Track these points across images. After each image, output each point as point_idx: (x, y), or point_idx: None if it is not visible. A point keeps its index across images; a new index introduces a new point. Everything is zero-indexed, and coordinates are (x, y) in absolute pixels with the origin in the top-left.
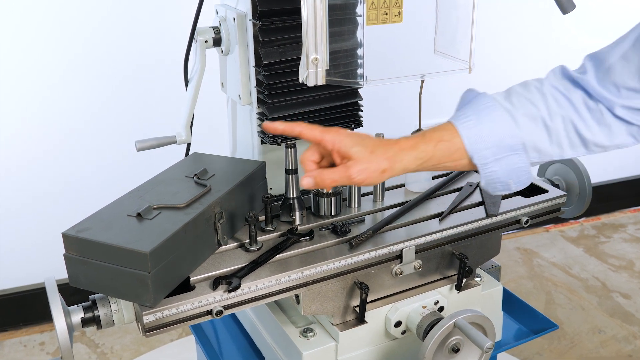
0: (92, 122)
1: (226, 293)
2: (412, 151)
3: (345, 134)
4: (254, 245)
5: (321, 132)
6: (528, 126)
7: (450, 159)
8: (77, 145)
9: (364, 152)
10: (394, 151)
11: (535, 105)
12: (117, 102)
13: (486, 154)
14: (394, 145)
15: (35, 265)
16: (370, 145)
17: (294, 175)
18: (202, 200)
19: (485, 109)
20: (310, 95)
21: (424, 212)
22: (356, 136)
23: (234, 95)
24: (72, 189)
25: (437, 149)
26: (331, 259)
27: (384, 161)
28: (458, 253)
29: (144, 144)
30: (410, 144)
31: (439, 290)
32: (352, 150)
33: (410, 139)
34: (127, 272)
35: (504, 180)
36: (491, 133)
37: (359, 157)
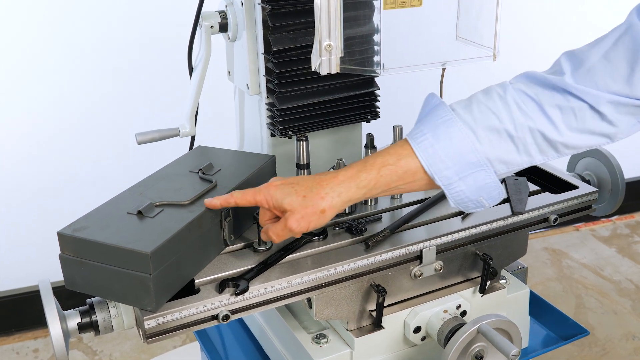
0: (89, 114)
1: (233, 296)
2: (351, 182)
3: (275, 187)
4: (263, 245)
5: (253, 195)
6: (491, 140)
7: (401, 182)
8: (72, 138)
9: (296, 200)
10: (330, 186)
11: (497, 116)
12: (117, 93)
13: (448, 174)
14: (331, 181)
15: (29, 266)
16: (302, 190)
17: (306, 170)
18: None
19: (443, 123)
20: (323, 85)
21: (445, 210)
22: (287, 185)
23: (241, 85)
24: (69, 185)
25: (381, 176)
26: (346, 260)
27: (320, 201)
28: (482, 254)
29: (145, 137)
30: (350, 175)
31: (461, 293)
32: (284, 203)
33: (351, 168)
34: (127, 274)
35: (474, 198)
36: (450, 151)
37: (292, 208)
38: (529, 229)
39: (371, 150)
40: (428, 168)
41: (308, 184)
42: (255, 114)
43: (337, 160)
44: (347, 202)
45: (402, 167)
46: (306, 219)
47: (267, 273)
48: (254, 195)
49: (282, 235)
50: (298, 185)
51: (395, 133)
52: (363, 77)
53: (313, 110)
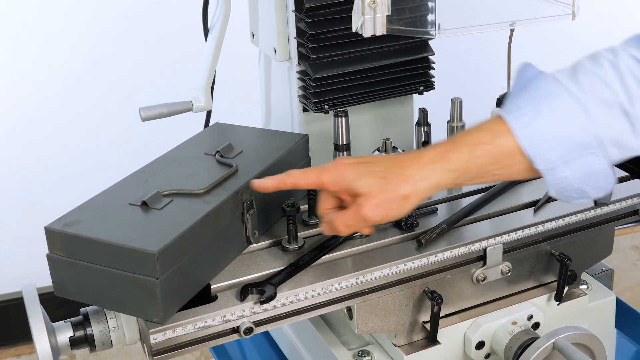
0: (83, 84)
1: (257, 305)
2: (439, 163)
3: (346, 165)
4: (294, 244)
5: (317, 175)
6: (602, 116)
7: (497, 166)
8: (65, 114)
9: (374, 181)
10: (415, 169)
11: (610, 87)
12: (115, 58)
13: (550, 157)
14: (414, 161)
15: (10, 269)
16: (381, 171)
17: (346, 153)
18: (227, 184)
19: (545, 96)
20: (366, 49)
21: (513, 200)
22: (361, 165)
23: (267, 49)
24: (58, 170)
25: (474, 156)
26: (394, 260)
27: (402, 185)
28: (558, 253)
29: (150, 112)
30: (436, 155)
31: (533, 301)
32: (358, 185)
33: (436, 147)
34: (129, 278)
35: (578, 186)
36: (554, 129)
37: (368, 191)
38: (615, 224)
39: (425, 128)
40: (527, 149)
41: (387, 163)
42: (284, 84)
43: (384, 141)
44: (435, 187)
45: (499, 147)
46: (384, 206)
47: (298, 277)
48: (319, 175)
49: (353, 225)
50: (374, 165)
51: (454, 107)
52: (414, 40)
53: (354, 79)
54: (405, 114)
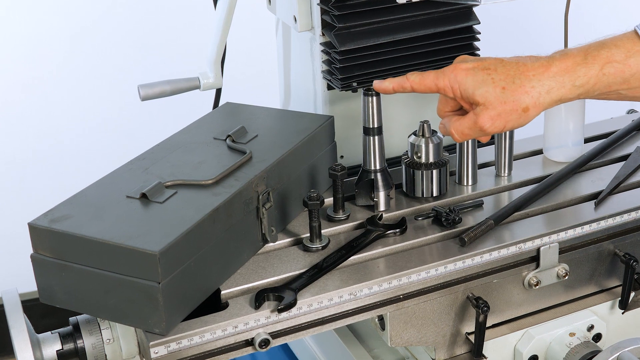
0: (72, 58)
1: (275, 314)
2: (566, 76)
3: (465, 71)
4: (317, 242)
5: (434, 80)
6: None
7: (625, 87)
8: (51, 89)
9: (494, 91)
10: (538, 79)
11: None
12: (111, 27)
13: None
14: (539, 71)
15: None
16: (502, 80)
17: (378, 137)
18: (239, 174)
19: None
20: (400, 17)
21: (571, 193)
22: (482, 71)
23: (286, 17)
24: (44, 157)
25: (603, 74)
26: (432, 262)
27: (524, 96)
28: (623, 254)
29: (151, 91)
30: (565, 67)
31: (594, 309)
32: (476, 94)
33: (566, 58)
34: (126, 283)
35: None
36: None
37: (487, 101)
38: None
39: None
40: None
41: (509, 71)
42: (306, 57)
43: (421, 123)
44: (557, 101)
45: (631, 68)
46: (503, 118)
47: (322, 281)
48: (436, 79)
49: (469, 134)
50: (496, 73)
51: None
52: (457, 7)
53: (386, 52)
54: None
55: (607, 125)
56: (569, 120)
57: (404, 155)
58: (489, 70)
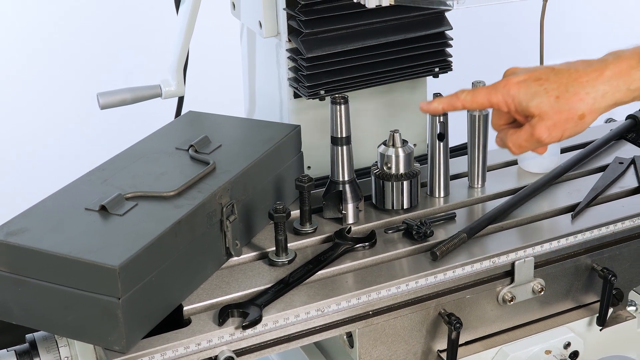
0: (31, 64)
1: (239, 330)
2: (621, 79)
3: (517, 84)
4: (283, 256)
5: (487, 96)
6: None
7: None
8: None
9: (548, 102)
10: (592, 85)
11: None
12: (70, 34)
13: None
14: (593, 76)
15: None
16: (555, 89)
17: (346, 147)
18: (203, 185)
19: None
20: (371, 23)
21: (547, 205)
22: (534, 83)
23: (251, 23)
24: (0, 169)
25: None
26: (403, 277)
27: (578, 104)
28: (601, 268)
29: (110, 99)
30: (620, 70)
31: (571, 326)
32: (531, 106)
33: (619, 61)
34: (85, 298)
35: None
36: None
37: (542, 112)
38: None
39: (441, 118)
40: None
41: (562, 80)
42: (271, 65)
43: (391, 133)
44: (613, 105)
45: None
46: (560, 127)
47: (288, 296)
48: (489, 95)
49: (526, 146)
50: (548, 83)
51: None
52: (428, 12)
53: (355, 59)
54: (417, 100)
55: (584, 134)
56: None
57: (374, 166)
58: (541, 80)
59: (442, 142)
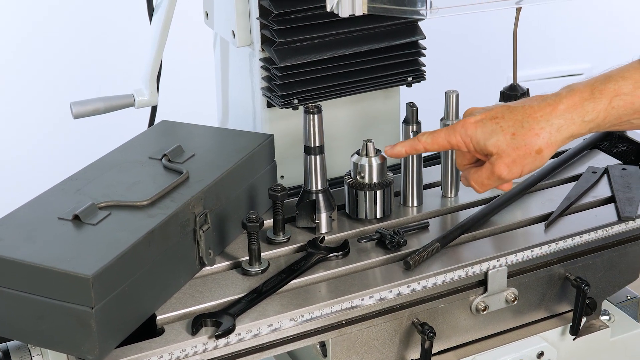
0: (2, 74)
1: (212, 340)
2: (574, 112)
3: (474, 124)
4: (257, 266)
5: (446, 137)
6: None
7: (635, 117)
8: None
9: (504, 139)
10: (547, 119)
11: None
12: (43, 43)
13: None
14: (546, 111)
15: None
16: (511, 126)
17: (319, 156)
18: (176, 195)
19: None
20: (344, 32)
21: (520, 214)
22: (489, 121)
23: (225, 32)
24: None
25: (612, 107)
26: (376, 287)
27: (534, 139)
28: (574, 278)
29: (84, 108)
30: (573, 103)
31: (544, 335)
32: (488, 144)
33: (573, 94)
34: (58, 308)
35: None
36: None
37: (500, 149)
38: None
39: (414, 127)
40: None
41: (517, 117)
42: (245, 74)
43: (364, 142)
44: (570, 137)
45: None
46: (518, 163)
47: (261, 306)
48: (447, 137)
49: (488, 184)
50: (504, 120)
51: (450, 102)
52: (401, 22)
53: (328, 69)
54: (390, 110)
55: None
56: None
57: (347, 175)
58: (496, 119)
59: None
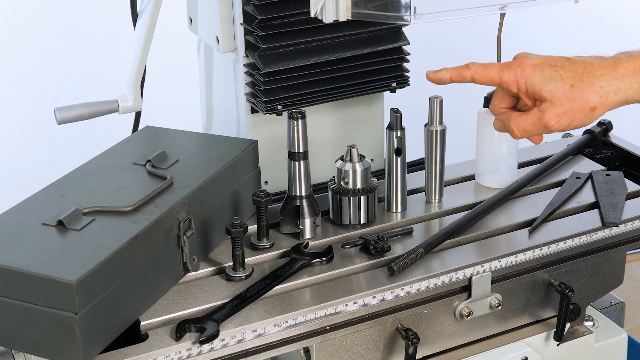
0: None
1: (196, 345)
2: (633, 78)
3: (532, 67)
4: (241, 271)
5: (498, 72)
6: None
7: None
8: None
9: (562, 88)
10: (607, 79)
11: None
12: (27, 48)
13: None
14: (607, 71)
15: None
16: (570, 77)
17: (303, 162)
18: (160, 200)
19: None
20: (328, 38)
21: (504, 220)
22: (549, 68)
23: (208, 38)
24: None
25: None
26: (360, 292)
27: (592, 95)
28: (558, 283)
29: (68, 114)
30: (632, 69)
31: (528, 341)
32: (544, 90)
33: (632, 60)
34: (42, 313)
35: None
36: None
37: (555, 98)
38: (627, 248)
39: (398, 133)
40: None
41: (577, 69)
42: (228, 80)
43: (348, 148)
44: (624, 102)
45: None
46: (569, 115)
47: (245, 311)
48: (500, 72)
49: (531, 130)
50: (564, 70)
51: (434, 107)
52: (385, 27)
53: (312, 74)
54: (374, 115)
55: (541, 149)
56: (502, 144)
57: (331, 181)
58: (556, 67)
59: (399, 157)
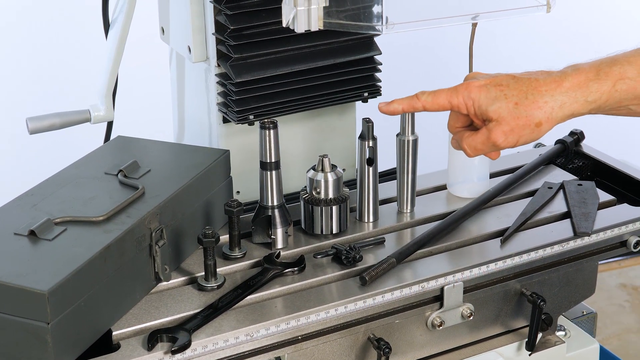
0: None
1: (168, 355)
2: (579, 91)
3: (478, 88)
4: (212, 281)
5: (447, 98)
6: None
7: (635, 102)
8: None
9: (507, 107)
10: (551, 94)
11: None
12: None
13: None
14: (552, 86)
15: None
16: (515, 95)
17: (275, 172)
18: (132, 210)
19: None
20: (300, 48)
21: (476, 230)
22: (494, 88)
23: (180, 48)
24: None
25: (615, 90)
26: (332, 302)
27: (537, 111)
28: (530, 293)
29: (40, 124)
30: (578, 83)
31: (500, 350)
32: (490, 110)
33: (577, 73)
34: (13, 323)
35: None
36: None
37: (500, 117)
38: (599, 258)
39: (370, 143)
40: None
41: (522, 87)
42: (200, 89)
43: (320, 158)
44: (570, 116)
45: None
46: (516, 133)
47: (217, 321)
48: (449, 97)
49: (481, 150)
50: (508, 89)
51: (405, 118)
52: (357, 38)
53: (284, 84)
54: (346, 125)
55: (513, 159)
56: None
57: (303, 190)
58: (501, 86)
59: (371, 167)
